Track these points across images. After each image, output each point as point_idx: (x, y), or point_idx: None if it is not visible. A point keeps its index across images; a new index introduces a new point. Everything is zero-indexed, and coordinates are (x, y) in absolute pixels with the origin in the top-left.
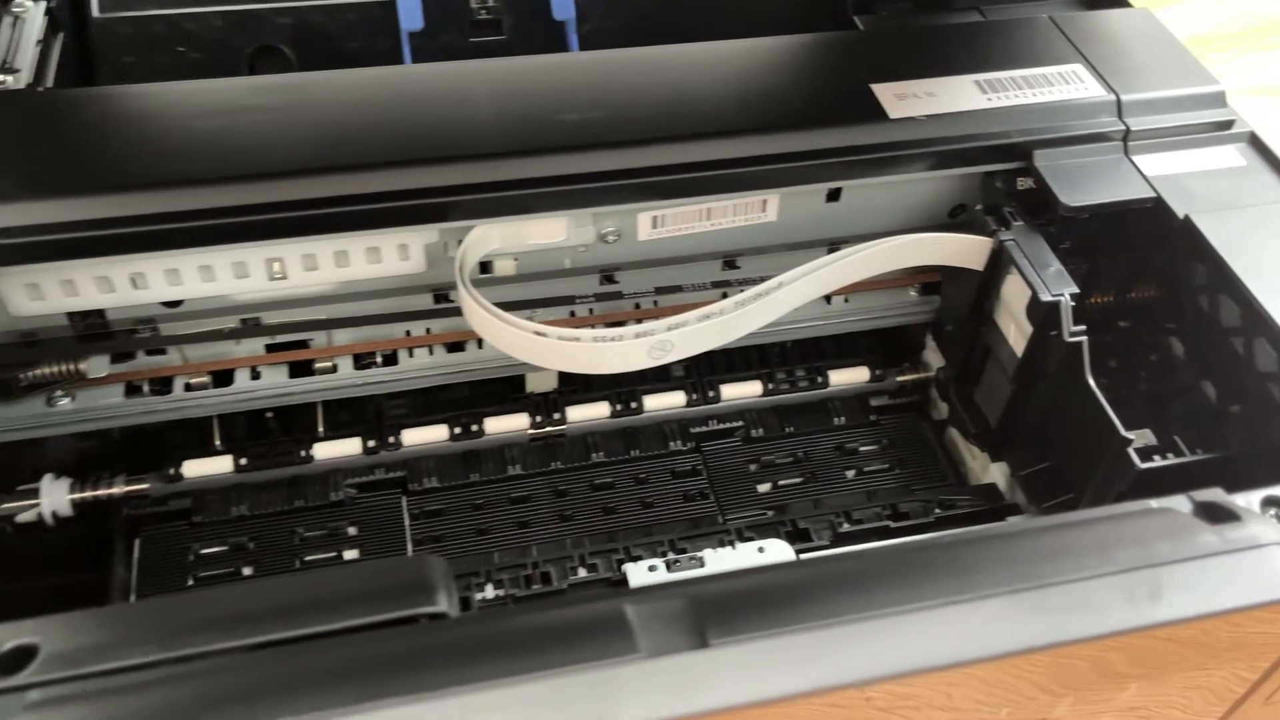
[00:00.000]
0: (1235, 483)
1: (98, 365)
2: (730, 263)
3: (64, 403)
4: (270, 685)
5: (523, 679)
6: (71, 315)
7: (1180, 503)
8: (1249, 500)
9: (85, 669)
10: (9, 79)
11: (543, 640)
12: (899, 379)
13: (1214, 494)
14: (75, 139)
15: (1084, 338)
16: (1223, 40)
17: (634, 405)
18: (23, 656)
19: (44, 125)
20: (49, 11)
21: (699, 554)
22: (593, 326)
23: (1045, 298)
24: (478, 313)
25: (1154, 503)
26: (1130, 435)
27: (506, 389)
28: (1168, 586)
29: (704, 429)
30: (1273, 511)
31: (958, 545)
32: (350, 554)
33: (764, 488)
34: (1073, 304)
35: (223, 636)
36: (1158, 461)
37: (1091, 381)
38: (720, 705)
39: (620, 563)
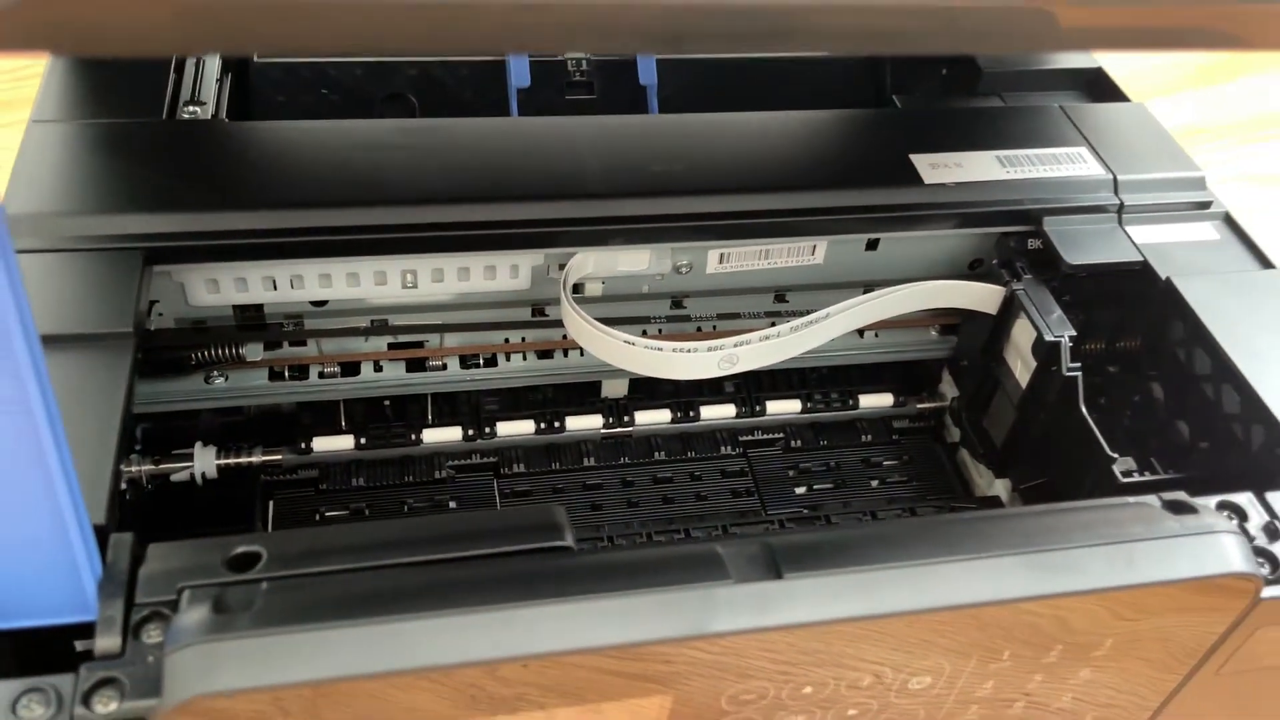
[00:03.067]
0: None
1: (253, 351)
2: (780, 297)
3: (219, 381)
4: (437, 588)
5: (639, 593)
6: (236, 308)
7: (1151, 500)
8: (1207, 502)
9: (298, 570)
10: (198, 110)
11: (652, 568)
12: (918, 406)
13: (1178, 495)
14: (252, 162)
15: (1079, 372)
16: (1212, 131)
17: (692, 414)
18: (251, 559)
19: (227, 149)
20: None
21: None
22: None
23: (1049, 337)
24: (578, 322)
25: (1130, 499)
26: (1115, 456)
27: (585, 393)
28: (1139, 557)
29: (750, 437)
30: (1225, 512)
31: (977, 520)
32: None
33: (800, 490)
34: (1072, 344)
35: (399, 554)
36: (1136, 478)
37: (1084, 409)
38: (789, 622)
39: (680, 541)
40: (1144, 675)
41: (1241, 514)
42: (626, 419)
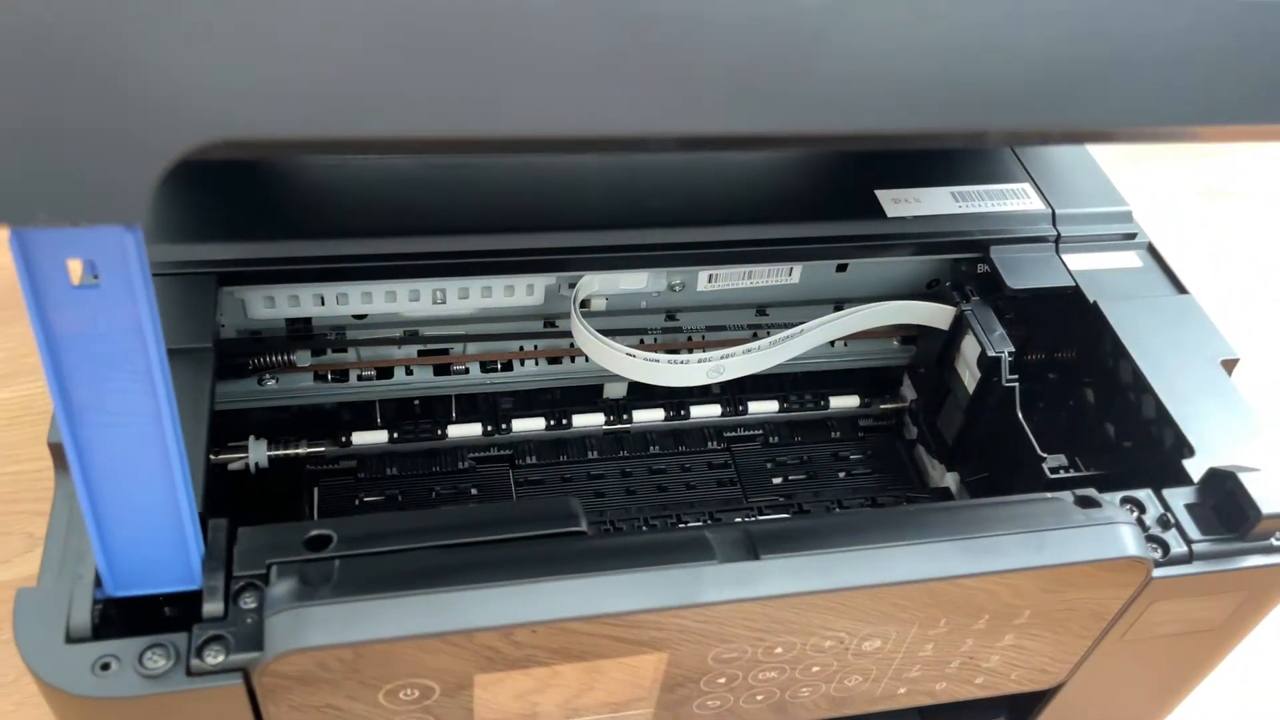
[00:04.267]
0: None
1: (302, 358)
2: (761, 311)
3: (270, 383)
4: (476, 565)
5: (640, 570)
6: (288, 320)
7: (1065, 496)
8: (1113, 498)
9: (363, 550)
10: None
11: (651, 550)
12: (881, 406)
13: (1088, 492)
14: (308, 195)
15: (1017, 383)
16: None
17: (683, 412)
18: (325, 540)
19: (286, 185)
20: None
21: (733, 520)
22: (658, 353)
23: (991, 354)
24: (585, 336)
25: (1049, 495)
26: (1045, 455)
27: (589, 395)
28: (1049, 543)
29: (734, 434)
30: (1128, 506)
31: (921, 512)
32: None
33: (777, 480)
34: (1010, 359)
35: (443, 537)
36: (1062, 475)
37: (1020, 415)
38: (763, 595)
39: (673, 524)
40: (1059, 640)
41: (1141, 507)
42: (626, 417)
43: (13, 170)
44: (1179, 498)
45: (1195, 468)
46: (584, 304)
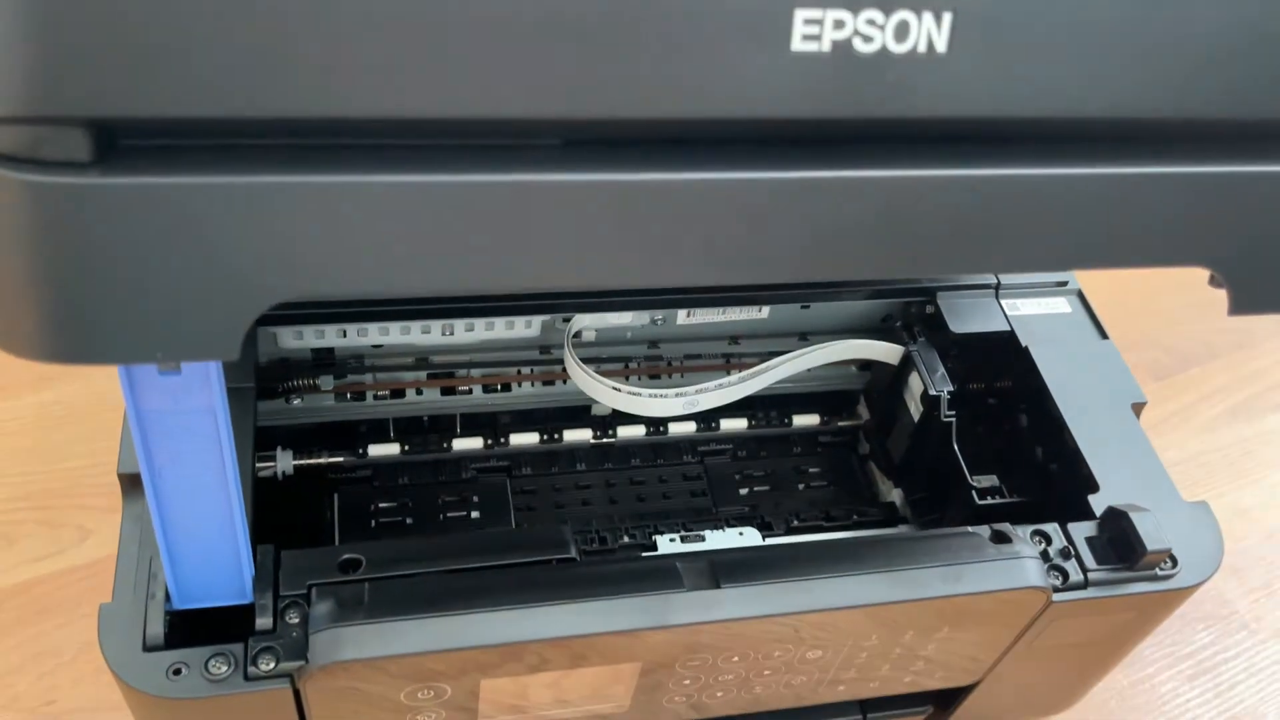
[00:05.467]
0: (1039, 516)
1: (325, 382)
2: (734, 340)
3: (296, 402)
4: (481, 589)
5: (619, 597)
6: (313, 350)
7: (983, 531)
8: (1024, 531)
9: (386, 573)
10: None
11: (629, 578)
12: (839, 424)
13: (1004, 526)
14: None
15: (953, 419)
16: None
17: (661, 429)
18: (355, 563)
19: None
20: None
21: (701, 533)
22: (639, 378)
23: (932, 392)
24: (577, 372)
25: (970, 529)
26: (974, 483)
27: (578, 413)
28: (965, 575)
29: (706, 448)
30: (1037, 537)
31: (857, 545)
32: (475, 514)
33: (744, 491)
34: (949, 397)
35: (454, 561)
36: (989, 501)
37: (955, 447)
38: (723, 618)
39: (651, 534)
40: (976, 647)
41: (1048, 539)
42: (611, 433)
43: (139, 324)
44: (1081, 531)
45: (1099, 502)
46: (576, 334)
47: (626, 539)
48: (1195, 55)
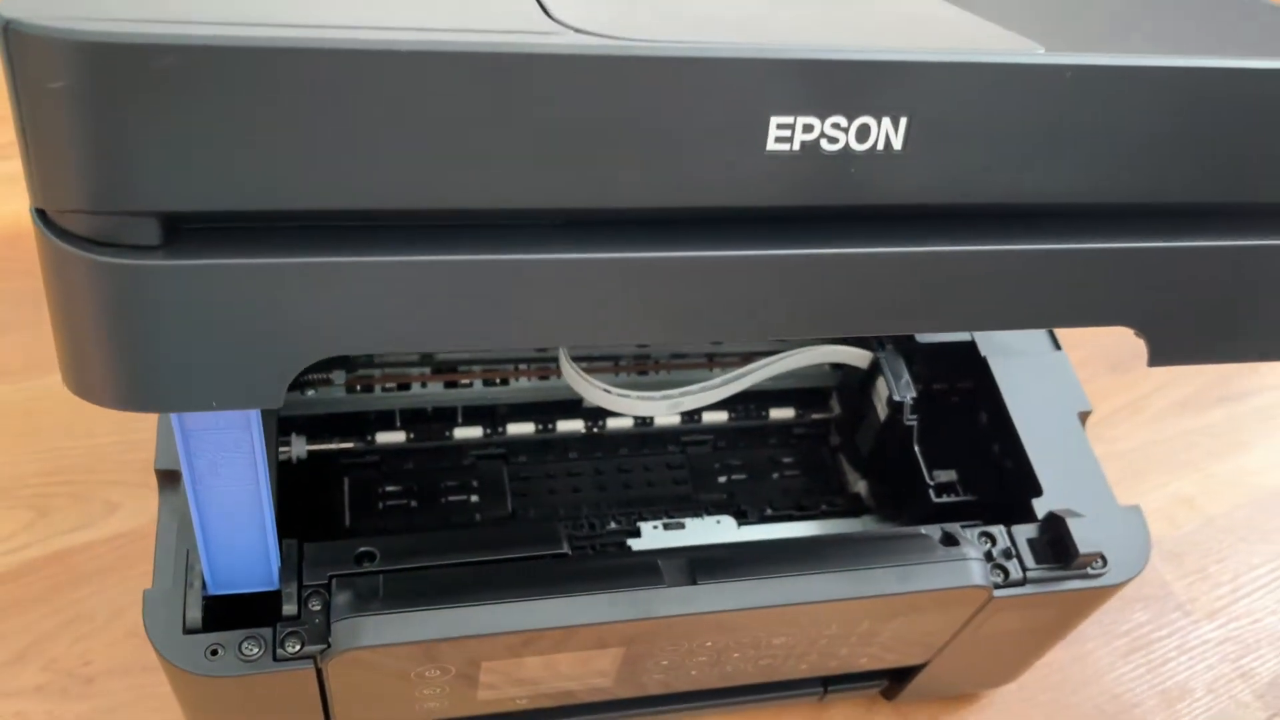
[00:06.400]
0: (991, 512)
1: (338, 375)
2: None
3: (310, 394)
4: (484, 583)
5: (605, 591)
6: None
7: (934, 532)
8: (972, 533)
9: (399, 565)
10: None
11: (616, 573)
12: (813, 417)
13: (953, 528)
14: None
15: (915, 423)
16: None
17: (647, 420)
18: (369, 555)
19: None
20: None
21: (682, 521)
22: (628, 374)
23: (896, 398)
24: (571, 374)
25: (922, 529)
26: (931, 481)
27: (571, 405)
28: (915, 574)
29: (689, 439)
30: (983, 538)
31: (819, 544)
32: (474, 498)
33: (723, 479)
34: (913, 402)
35: (460, 555)
36: (945, 499)
37: (916, 449)
38: (699, 611)
39: (635, 521)
40: (924, 634)
41: (994, 540)
42: (600, 423)
43: (197, 380)
44: (1023, 533)
45: (1042, 505)
46: None
47: (614, 524)
48: (1119, 151)
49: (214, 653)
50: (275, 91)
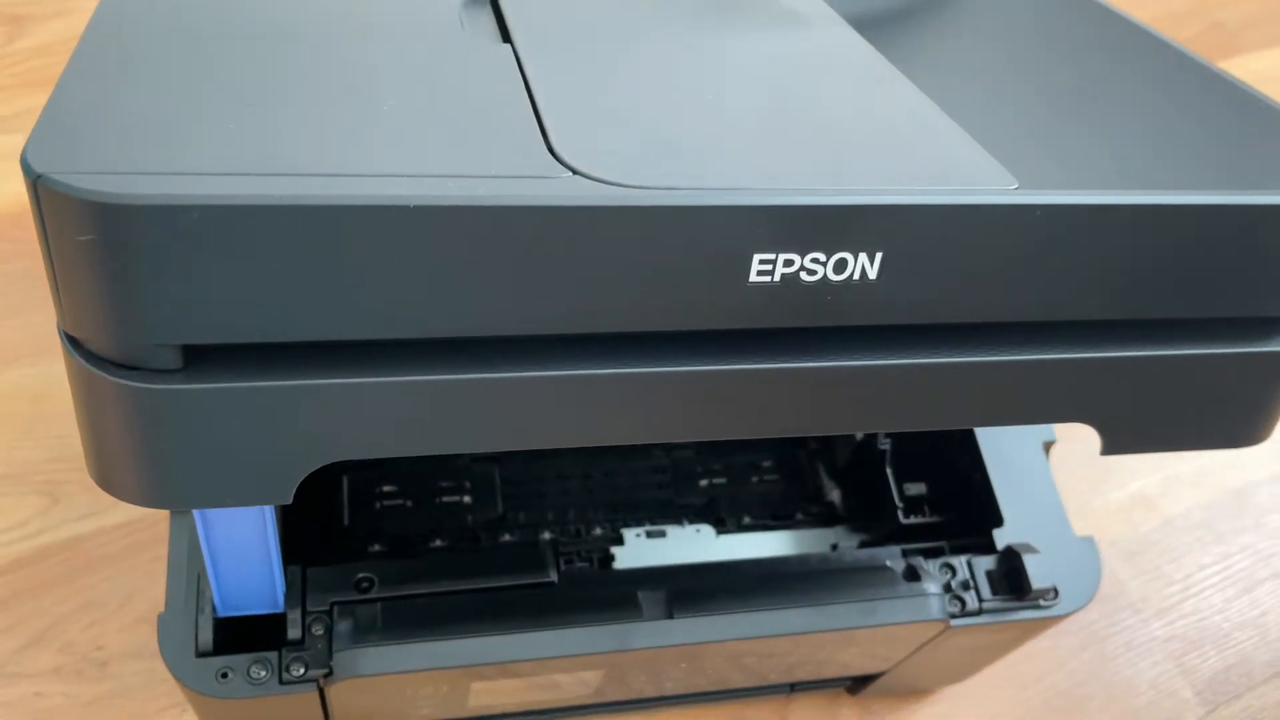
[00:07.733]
0: (954, 532)
1: None
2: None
3: None
4: (475, 614)
5: (587, 626)
6: None
7: (897, 563)
8: (933, 565)
9: (396, 593)
10: None
11: (597, 605)
12: None
13: (916, 560)
14: None
15: (888, 447)
16: None
17: None
18: (369, 581)
19: None
20: None
21: (663, 529)
22: None
23: None
24: None
25: (887, 560)
26: (900, 502)
27: None
28: (878, 609)
29: (674, 444)
30: (945, 570)
31: (785, 577)
32: (467, 499)
33: (704, 484)
34: None
35: (454, 582)
36: (912, 520)
37: (888, 470)
38: (673, 643)
39: (619, 527)
40: (885, 651)
41: (954, 571)
42: None
43: (214, 481)
44: (982, 565)
45: (1002, 537)
46: None
47: (598, 530)
48: (1083, 274)
49: (224, 675)
50: (289, 241)
